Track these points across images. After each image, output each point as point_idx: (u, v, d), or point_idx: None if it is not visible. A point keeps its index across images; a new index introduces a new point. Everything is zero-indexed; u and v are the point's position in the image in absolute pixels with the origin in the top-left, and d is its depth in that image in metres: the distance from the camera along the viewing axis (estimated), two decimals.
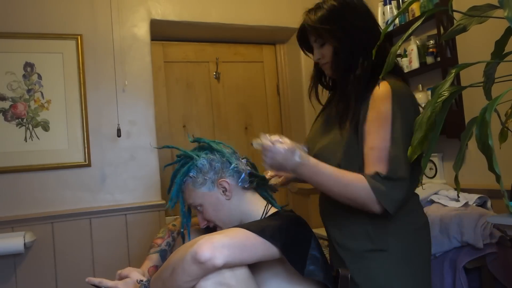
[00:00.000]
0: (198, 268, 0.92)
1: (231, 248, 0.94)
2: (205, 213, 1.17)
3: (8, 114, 2.12)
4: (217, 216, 1.17)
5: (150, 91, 2.40)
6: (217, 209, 1.16)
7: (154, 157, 2.37)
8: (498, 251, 1.59)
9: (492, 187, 1.81)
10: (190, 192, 1.17)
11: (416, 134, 0.93)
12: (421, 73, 2.19)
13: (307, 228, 1.12)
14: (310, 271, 1.02)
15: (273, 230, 1.01)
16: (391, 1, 2.32)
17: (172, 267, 0.96)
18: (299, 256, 1.03)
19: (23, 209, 2.10)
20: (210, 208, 1.16)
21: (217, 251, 0.92)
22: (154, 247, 1.27)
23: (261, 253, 0.99)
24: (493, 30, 1.11)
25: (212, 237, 0.95)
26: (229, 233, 0.98)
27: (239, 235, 0.97)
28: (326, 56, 1.22)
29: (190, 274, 0.93)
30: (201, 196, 1.16)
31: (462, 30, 1.01)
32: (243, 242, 0.97)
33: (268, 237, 0.98)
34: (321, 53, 1.23)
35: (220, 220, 1.17)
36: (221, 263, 0.92)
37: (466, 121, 1.93)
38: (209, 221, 1.19)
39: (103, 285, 1.12)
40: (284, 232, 1.03)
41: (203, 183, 1.15)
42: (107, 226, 2.22)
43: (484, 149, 0.78)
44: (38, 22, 2.20)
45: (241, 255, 0.96)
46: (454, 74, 0.90)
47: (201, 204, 1.17)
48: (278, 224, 1.04)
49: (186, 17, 2.51)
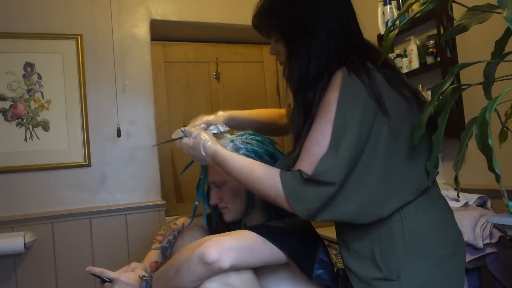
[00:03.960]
0: (204, 269, 0.92)
1: (239, 251, 0.94)
2: (223, 193, 1.18)
3: (8, 114, 2.12)
4: (233, 200, 1.17)
5: (150, 91, 2.40)
6: (236, 194, 1.17)
7: (154, 157, 2.37)
8: (498, 251, 1.59)
9: (492, 187, 1.81)
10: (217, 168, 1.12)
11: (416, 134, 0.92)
12: (421, 73, 2.19)
13: (314, 231, 1.12)
14: (318, 275, 1.03)
15: (282, 235, 1.01)
16: (391, 1, 2.32)
17: (177, 265, 0.96)
18: (308, 260, 1.03)
19: (23, 209, 2.10)
20: (231, 191, 1.17)
21: (225, 253, 0.92)
22: (156, 244, 1.28)
23: (268, 257, 0.99)
24: (493, 30, 1.11)
25: (221, 238, 0.95)
26: (238, 235, 0.98)
27: (247, 239, 0.97)
28: (280, 53, 1.08)
29: (195, 274, 0.93)
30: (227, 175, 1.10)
31: (462, 30, 1.01)
32: (251, 245, 0.97)
33: (277, 242, 0.99)
34: (275, 49, 1.08)
35: (234, 205, 1.18)
36: (227, 266, 0.92)
37: (466, 121, 1.93)
38: (223, 201, 1.19)
39: (104, 276, 1.12)
40: (292, 237, 1.03)
41: None
42: (107, 226, 2.22)
43: (484, 149, 0.78)
44: (38, 22, 2.19)
45: (248, 258, 0.96)
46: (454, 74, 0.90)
47: (224, 182, 1.16)
48: (287, 229, 1.04)
49: (186, 17, 2.51)
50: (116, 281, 1.09)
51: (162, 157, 2.70)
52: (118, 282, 1.09)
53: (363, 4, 2.69)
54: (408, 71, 2.19)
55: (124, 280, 1.09)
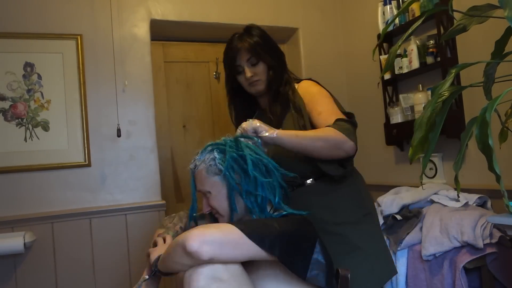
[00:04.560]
0: (186, 257, 0.95)
1: (222, 244, 0.94)
2: (211, 202, 1.18)
3: (8, 114, 2.12)
4: (221, 207, 1.18)
5: (150, 91, 2.40)
6: (221, 201, 1.18)
7: (154, 157, 2.37)
8: (498, 251, 1.59)
9: (492, 187, 1.81)
10: (203, 179, 1.18)
11: (416, 134, 0.92)
12: (421, 73, 2.20)
13: (311, 230, 1.11)
14: (312, 276, 1.02)
15: (273, 238, 1.00)
16: (391, 1, 2.32)
17: (169, 249, 1.02)
18: (301, 261, 1.02)
19: (23, 209, 2.10)
20: (216, 199, 1.17)
21: (205, 245, 0.92)
22: (171, 229, 1.32)
23: (253, 252, 0.98)
24: (493, 30, 1.11)
25: (205, 230, 0.95)
26: (224, 228, 0.98)
27: (234, 233, 0.97)
28: (259, 73, 1.43)
29: (179, 261, 0.97)
30: (212, 185, 1.17)
31: (462, 30, 1.01)
32: (236, 240, 0.96)
33: (266, 247, 0.98)
34: (253, 71, 1.43)
35: (223, 211, 1.18)
36: (207, 258, 0.93)
37: (466, 121, 1.93)
38: (213, 208, 1.20)
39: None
40: (286, 238, 1.02)
41: (217, 173, 1.16)
42: (107, 226, 2.22)
43: (484, 149, 0.78)
44: (38, 22, 2.20)
45: (232, 252, 0.96)
46: (454, 74, 0.90)
47: (209, 191, 1.18)
48: (281, 230, 1.03)
49: (186, 17, 2.52)
50: None
51: (162, 157, 2.70)
52: None
53: (363, 4, 2.70)
54: (408, 71, 2.19)
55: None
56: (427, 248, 1.70)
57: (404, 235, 1.81)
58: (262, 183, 1.15)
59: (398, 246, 1.80)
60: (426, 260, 1.72)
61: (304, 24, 2.83)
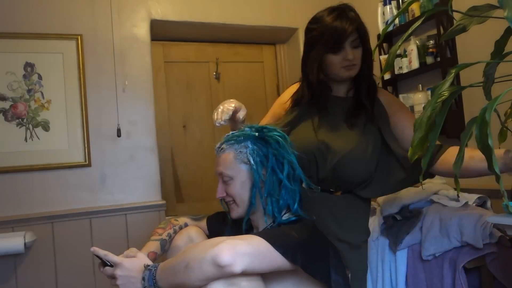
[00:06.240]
0: (216, 271, 0.92)
1: (252, 257, 0.95)
2: (229, 188, 1.17)
3: (8, 114, 2.12)
4: (240, 196, 1.16)
5: (150, 91, 2.40)
6: (242, 190, 1.16)
7: (154, 157, 2.37)
8: (498, 251, 1.59)
9: (492, 187, 1.81)
10: (230, 163, 1.15)
11: (416, 134, 0.92)
12: (421, 73, 2.19)
13: (323, 236, 1.12)
14: (334, 280, 1.04)
15: (294, 248, 1.01)
16: (391, 1, 2.32)
17: (188, 261, 0.96)
18: (322, 267, 1.04)
19: (23, 209, 2.10)
20: (237, 187, 1.16)
21: (238, 258, 0.92)
22: (155, 236, 1.27)
23: (278, 264, 1.00)
24: (493, 30, 1.11)
25: (236, 242, 0.95)
26: (252, 241, 0.98)
27: (261, 246, 0.97)
28: (357, 57, 1.35)
29: (205, 274, 0.94)
30: (237, 171, 1.15)
31: (462, 30, 1.01)
32: (264, 253, 0.97)
33: (290, 258, 0.99)
34: (353, 55, 1.33)
35: (241, 201, 1.17)
36: (239, 270, 0.92)
37: (466, 121, 1.93)
38: (228, 195, 1.18)
39: (108, 259, 1.10)
40: (305, 246, 1.03)
41: (246, 162, 1.15)
42: (107, 226, 2.22)
43: (484, 149, 0.77)
44: (38, 22, 2.20)
45: (260, 265, 0.97)
46: (454, 74, 0.90)
47: (231, 177, 1.16)
48: (300, 238, 1.04)
49: (186, 17, 2.52)
50: (119, 265, 1.07)
51: (162, 157, 2.70)
52: (121, 266, 1.07)
53: (363, 4, 2.70)
54: (408, 71, 2.19)
55: (127, 266, 1.07)
56: (427, 248, 1.70)
57: (404, 235, 1.81)
58: (287, 187, 1.15)
59: (398, 246, 1.80)
60: (426, 260, 1.72)
61: (304, 24, 2.79)
